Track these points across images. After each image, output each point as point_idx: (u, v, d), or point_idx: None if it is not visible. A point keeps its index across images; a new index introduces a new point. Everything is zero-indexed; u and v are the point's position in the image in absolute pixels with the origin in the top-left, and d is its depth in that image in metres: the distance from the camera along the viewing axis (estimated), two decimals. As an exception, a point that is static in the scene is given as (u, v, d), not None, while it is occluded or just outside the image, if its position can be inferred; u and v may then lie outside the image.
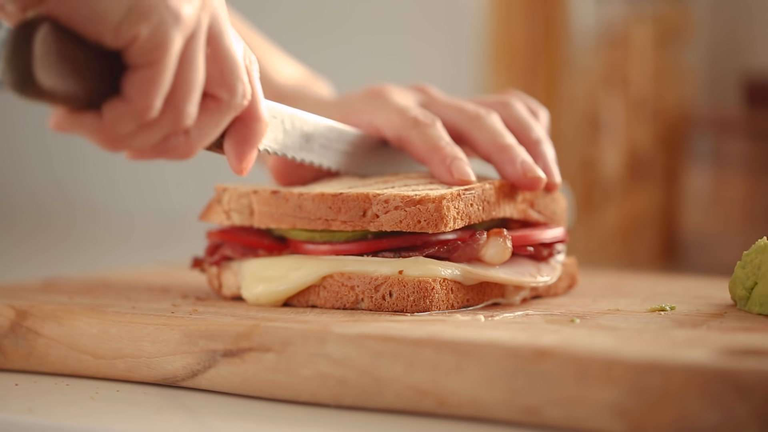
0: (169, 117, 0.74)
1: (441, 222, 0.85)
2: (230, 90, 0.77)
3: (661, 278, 1.12)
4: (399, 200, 0.86)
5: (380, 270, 0.86)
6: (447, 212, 0.85)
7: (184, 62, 0.73)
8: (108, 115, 0.72)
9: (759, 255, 0.87)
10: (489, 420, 0.72)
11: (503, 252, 0.88)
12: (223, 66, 0.76)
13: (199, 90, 0.74)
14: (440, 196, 0.85)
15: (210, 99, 0.76)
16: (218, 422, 0.75)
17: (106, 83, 0.71)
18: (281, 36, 1.37)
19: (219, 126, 0.77)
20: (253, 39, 1.14)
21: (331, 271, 0.88)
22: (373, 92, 0.98)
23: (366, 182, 0.92)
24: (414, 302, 0.85)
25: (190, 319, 0.82)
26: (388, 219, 0.86)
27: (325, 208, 0.87)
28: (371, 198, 0.86)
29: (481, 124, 0.94)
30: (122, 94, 0.72)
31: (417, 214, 0.85)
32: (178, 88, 0.73)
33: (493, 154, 0.93)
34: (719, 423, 0.66)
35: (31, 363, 0.87)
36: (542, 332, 0.76)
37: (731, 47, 1.78)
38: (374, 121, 0.96)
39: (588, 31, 1.71)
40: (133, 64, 0.71)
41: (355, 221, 0.87)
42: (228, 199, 0.93)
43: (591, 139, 1.70)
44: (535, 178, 0.92)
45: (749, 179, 1.59)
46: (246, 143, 0.80)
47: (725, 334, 0.76)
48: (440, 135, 0.93)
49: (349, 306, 0.87)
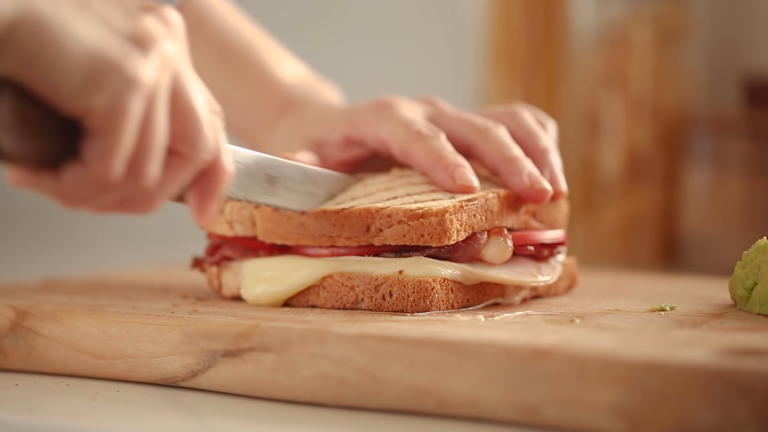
0: (130, 179, 0.71)
1: (444, 235, 0.85)
2: (193, 146, 0.73)
3: (661, 278, 1.12)
4: (402, 215, 0.86)
5: (380, 270, 0.86)
6: (450, 225, 0.85)
7: (145, 124, 0.70)
8: (67, 178, 0.70)
9: (759, 255, 0.87)
10: (489, 420, 0.72)
11: (504, 251, 0.88)
12: (186, 122, 0.73)
13: (161, 151, 0.72)
14: (443, 209, 0.85)
15: (173, 155, 0.73)
16: (218, 422, 0.75)
17: (66, 146, 0.69)
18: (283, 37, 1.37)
19: (181, 182, 0.74)
20: (257, 36, 1.14)
21: (331, 271, 0.88)
22: (381, 104, 0.98)
23: (368, 189, 0.92)
24: (414, 302, 0.85)
25: (190, 319, 0.82)
26: (392, 233, 0.86)
27: (328, 225, 0.88)
28: (374, 213, 0.86)
29: (487, 136, 0.94)
30: (82, 159, 0.69)
31: (420, 228, 0.85)
32: (140, 151, 0.70)
33: (500, 165, 0.93)
34: (719, 423, 0.66)
35: (31, 363, 0.87)
36: (542, 332, 0.76)
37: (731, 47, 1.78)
38: (379, 134, 0.96)
39: (588, 31, 1.71)
40: (92, 131, 0.69)
41: (359, 237, 0.87)
42: (230, 210, 0.93)
43: (591, 139, 1.70)
44: (541, 189, 0.91)
45: (749, 179, 1.59)
46: (208, 195, 0.77)
47: (725, 334, 0.76)
48: (443, 146, 0.92)
49: (349, 306, 0.87)
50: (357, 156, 0.99)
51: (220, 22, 1.13)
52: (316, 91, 1.10)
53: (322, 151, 1.00)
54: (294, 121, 1.05)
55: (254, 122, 1.11)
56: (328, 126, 1.00)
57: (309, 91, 1.09)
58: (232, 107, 1.12)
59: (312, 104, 1.06)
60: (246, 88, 1.11)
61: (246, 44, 1.13)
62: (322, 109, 1.05)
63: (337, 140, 0.99)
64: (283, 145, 1.05)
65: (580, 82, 1.71)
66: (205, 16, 1.13)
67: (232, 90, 1.12)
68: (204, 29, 1.13)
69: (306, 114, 1.05)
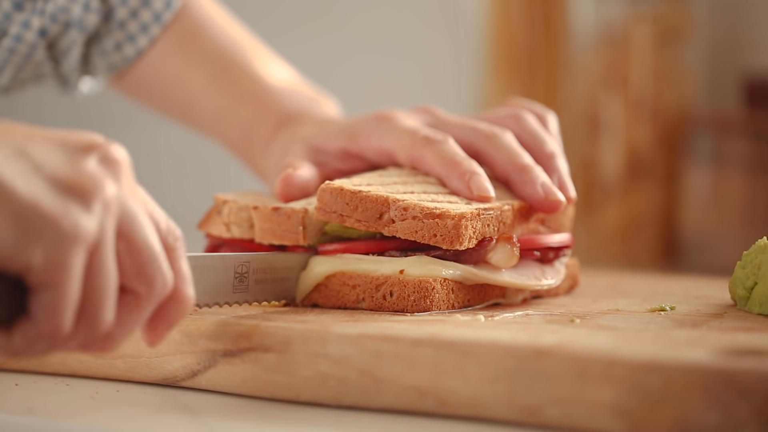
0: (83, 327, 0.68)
1: (457, 240, 0.85)
2: (149, 283, 0.69)
3: (661, 278, 1.12)
4: (418, 211, 0.85)
5: (381, 269, 0.86)
6: (464, 231, 0.85)
7: (91, 274, 0.67)
8: (17, 336, 0.67)
9: (759, 255, 0.87)
10: (489, 420, 0.72)
11: (510, 258, 0.88)
12: (139, 260, 0.69)
13: (112, 295, 0.68)
14: (460, 215, 0.85)
15: (128, 294, 0.70)
16: (218, 422, 0.75)
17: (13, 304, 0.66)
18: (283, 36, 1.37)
19: (140, 320, 0.71)
20: (253, 48, 1.13)
21: (335, 270, 0.88)
22: (380, 117, 0.96)
23: (384, 179, 0.91)
24: (414, 302, 0.85)
25: (190, 319, 0.82)
26: (404, 227, 0.85)
27: (342, 203, 0.87)
28: (390, 203, 0.86)
29: (496, 143, 0.93)
30: (30, 315, 0.67)
31: (434, 228, 0.85)
32: (89, 300, 0.67)
33: (512, 173, 0.92)
34: (719, 423, 0.66)
35: (31, 363, 0.87)
36: (542, 332, 0.76)
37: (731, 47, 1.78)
38: (384, 144, 0.95)
39: (588, 31, 1.71)
40: (35, 287, 0.66)
41: (369, 222, 0.86)
42: (228, 212, 0.93)
43: (591, 139, 1.70)
44: (556, 201, 0.91)
45: (749, 179, 1.59)
46: (166, 324, 0.72)
47: (725, 334, 0.76)
48: (455, 150, 0.92)
49: (350, 305, 0.87)
50: (355, 168, 0.98)
51: (216, 34, 1.12)
52: (313, 104, 1.09)
53: (319, 157, 0.99)
54: (290, 135, 1.04)
55: (251, 140, 1.09)
56: (326, 134, 0.99)
57: (306, 103, 1.08)
58: (228, 126, 1.11)
59: (309, 117, 1.05)
60: (242, 105, 1.10)
61: (242, 58, 1.11)
62: (319, 121, 1.04)
63: (335, 151, 0.98)
64: (279, 160, 1.03)
65: (580, 82, 1.71)
66: (201, 27, 1.12)
67: (227, 108, 1.10)
68: (199, 42, 1.11)
69: (302, 128, 1.04)
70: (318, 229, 0.91)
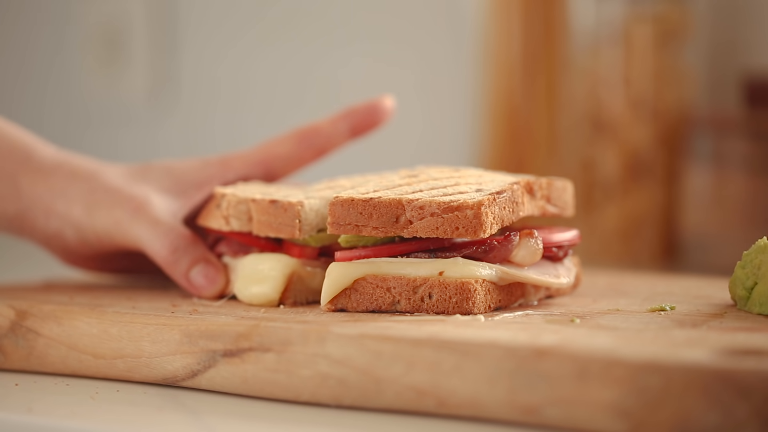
0: None
1: (480, 228, 0.84)
2: None
3: (661, 278, 1.12)
4: (435, 207, 0.84)
5: (418, 271, 0.85)
6: (486, 218, 0.84)
7: None
8: None
9: (759, 255, 0.87)
10: (489, 420, 0.72)
11: (534, 253, 0.87)
12: None
13: None
14: (479, 203, 0.84)
15: None
16: (218, 422, 0.75)
17: None
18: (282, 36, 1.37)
19: None
20: None
21: (365, 274, 0.86)
22: None
23: (385, 183, 0.90)
24: (456, 304, 0.84)
25: (190, 319, 0.82)
26: (424, 225, 0.84)
27: (355, 213, 0.86)
28: (405, 204, 0.85)
29: None
30: None
31: (455, 221, 0.84)
32: None
33: None
34: (719, 423, 0.66)
35: (31, 363, 0.87)
36: (542, 332, 0.76)
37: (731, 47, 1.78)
38: None
39: (588, 31, 1.71)
40: None
41: (387, 227, 0.85)
42: (226, 205, 0.93)
43: (591, 139, 1.70)
44: None
45: (749, 179, 1.59)
46: None
47: (725, 334, 0.76)
48: None
49: (384, 308, 0.86)
50: None
51: None
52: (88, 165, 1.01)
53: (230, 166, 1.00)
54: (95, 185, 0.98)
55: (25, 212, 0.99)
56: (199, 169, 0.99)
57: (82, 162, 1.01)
58: None
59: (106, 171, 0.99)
60: None
61: None
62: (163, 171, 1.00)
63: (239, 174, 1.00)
64: None
65: (580, 82, 1.71)
66: None
67: None
68: None
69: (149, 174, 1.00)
70: (314, 226, 0.90)
